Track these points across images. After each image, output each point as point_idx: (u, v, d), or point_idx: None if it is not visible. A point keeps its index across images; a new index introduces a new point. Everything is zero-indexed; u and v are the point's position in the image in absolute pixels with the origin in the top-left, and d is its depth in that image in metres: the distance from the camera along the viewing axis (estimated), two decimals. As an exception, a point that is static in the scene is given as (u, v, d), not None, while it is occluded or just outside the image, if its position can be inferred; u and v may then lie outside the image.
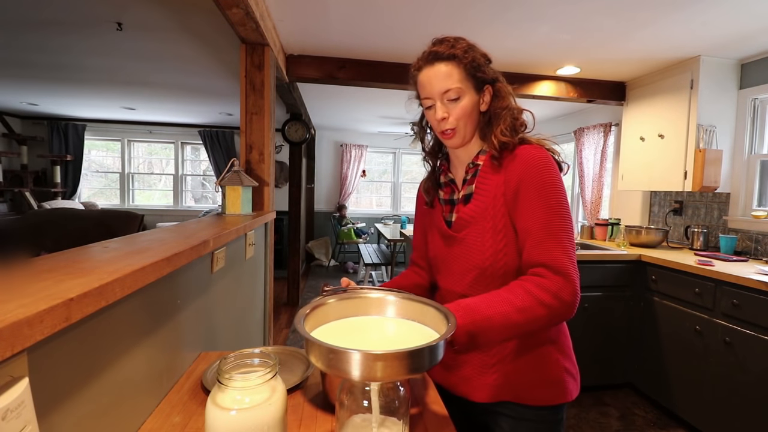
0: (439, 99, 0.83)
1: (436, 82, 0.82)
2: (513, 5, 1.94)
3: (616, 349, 2.57)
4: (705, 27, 2.10)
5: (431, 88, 0.83)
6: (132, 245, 0.85)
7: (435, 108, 0.84)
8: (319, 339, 0.57)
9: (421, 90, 0.86)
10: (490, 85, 0.86)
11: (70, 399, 0.53)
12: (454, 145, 0.88)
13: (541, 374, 0.84)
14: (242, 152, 2.11)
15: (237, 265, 1.52)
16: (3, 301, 0.43)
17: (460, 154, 0.92)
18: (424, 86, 0.85)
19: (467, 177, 0.90)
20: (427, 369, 0.61)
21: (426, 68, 0.84)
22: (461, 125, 0.84)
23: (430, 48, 0.85)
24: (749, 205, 2.55)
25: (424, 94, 0.85)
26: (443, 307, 0.74)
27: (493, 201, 0.83)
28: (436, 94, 0.83)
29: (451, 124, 0.84)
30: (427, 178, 1.00)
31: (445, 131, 0.85)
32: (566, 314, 0.74)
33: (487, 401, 0.86)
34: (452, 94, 0.82)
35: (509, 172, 0.82)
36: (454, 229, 0.89)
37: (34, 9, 2.17)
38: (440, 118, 0.83)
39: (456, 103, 0.83)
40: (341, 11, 2.08)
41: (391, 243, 4.42)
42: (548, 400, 0.84)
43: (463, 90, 0.82)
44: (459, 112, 0.83)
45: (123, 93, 4.14)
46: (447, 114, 0.83)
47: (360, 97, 3.94)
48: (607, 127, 3.58)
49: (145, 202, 6.25)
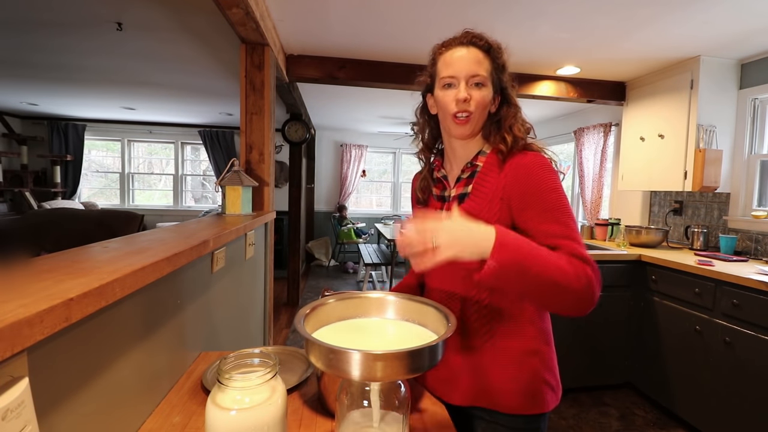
0: (465, 80, 0.82)
1: (467, 63, 0.82)
2: (513, 5, 1.94)
3: (616, 349, 2.57)
4: (705, 27, 2.10)
5: (460, 67, 0.82)
6: (132, 245, 0.85)
7: (458, 88, 0.83)
8: (319, 339, 0.58)
9: (444, 68, 0.84)
10: (504, 91, 0.87)
11: (70, 399, 0.53)
12: (463, 133, 0.86)
13: (518, 384, 0.82)
14: (242, 152, 2.11)
15: (237, 265, 1.52)
16: (3, 301, 0.43)
17: (457, 150, 0.90)
18: (450, 64, 0.83)
19: (462, 176, 0.89)
20: (427, 369, 0.61)
21: (459, 48, 0.83)
22: (477, 114, 0.83)
23: (466, 33, 0.85)
24: (749, 205, 2.55)
25: (449, 72, 0.83)
26: (443, 307, 0.74)
27: (489, 204, 0.82)
28: (464, 74, 0.82)
29: (472, 106, 0.82)
30: (423, 176, 0.97)
31: (460, 114, 0.83)
32: (588, 304, 0.71)
33: (462, 404, 0.86)
34: (479, 78, 0.82)
35: (511, 177, 0.80)
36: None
37: (34, 9, 2.17)
38: (463, 97, 0.82)
39: (478, 90, 0.83)
40: (341, 11, 2.08)
41: (391, 243, 4.42)
42: (523, 409, 0.83)
43: (487, 81, 0.83)
44: (479, 99, 0.83)
45: (123, 93, 4.14)
46: (470, 96, 0.82)
47: (360, 97, 3.94)
48: (607, 127, 3.58)
49: (145, 202, 6.25)
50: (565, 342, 2.44)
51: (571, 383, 2.54)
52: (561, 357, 0.92)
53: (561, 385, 0.90)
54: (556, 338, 0.90)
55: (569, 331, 2.45)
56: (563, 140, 4.40)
